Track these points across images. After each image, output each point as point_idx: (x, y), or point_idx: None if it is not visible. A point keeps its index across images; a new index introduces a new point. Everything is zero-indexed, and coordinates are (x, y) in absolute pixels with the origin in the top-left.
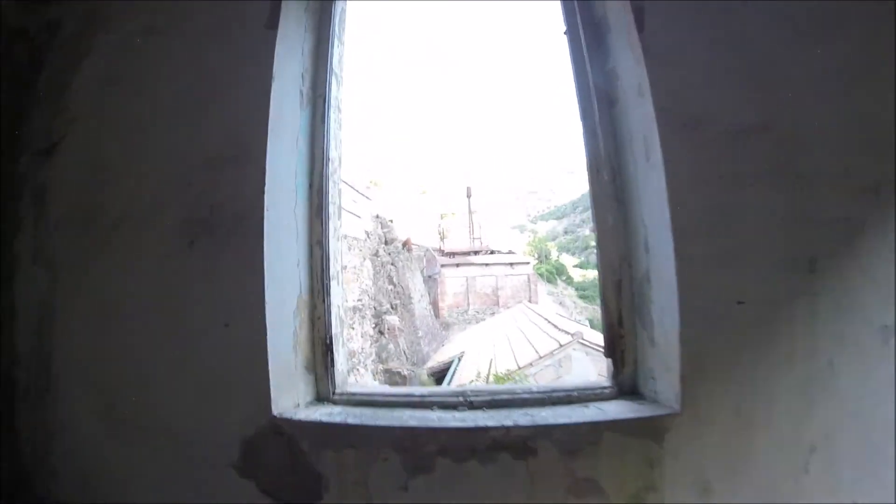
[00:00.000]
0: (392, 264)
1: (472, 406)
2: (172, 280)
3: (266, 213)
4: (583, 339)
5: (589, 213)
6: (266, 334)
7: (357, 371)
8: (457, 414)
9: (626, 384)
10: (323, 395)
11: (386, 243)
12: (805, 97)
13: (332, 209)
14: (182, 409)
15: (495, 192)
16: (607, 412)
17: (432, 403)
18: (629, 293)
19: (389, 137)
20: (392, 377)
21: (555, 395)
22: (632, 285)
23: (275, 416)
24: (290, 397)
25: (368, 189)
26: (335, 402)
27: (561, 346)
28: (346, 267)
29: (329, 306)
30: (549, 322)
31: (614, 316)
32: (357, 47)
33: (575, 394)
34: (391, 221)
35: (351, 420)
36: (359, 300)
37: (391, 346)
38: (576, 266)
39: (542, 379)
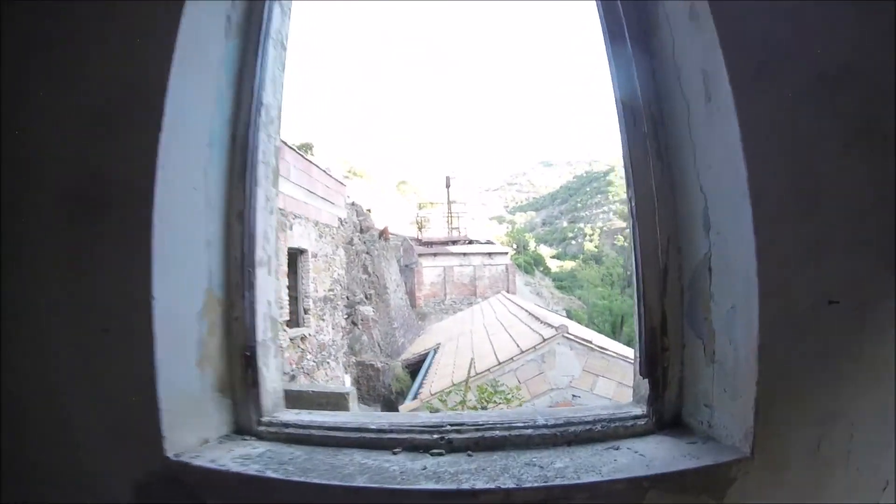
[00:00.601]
0: (367, 253)
1: (451, 447)
2: (46, 270)
3: (159, 174)
4: (567, 332)
5: (567, 205)
6: (153, 344)
7: (327, 364)
8: (429, 462)
9: (666, 412)
10: (244, 425)
11: (362, 231)
12: None
13: (262, 171)
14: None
15: (474, 183)
16: (649, 458)
17: (395, 443)
18: (677, 288)
19: (370, 126)
20: (365, 370)
21: (570, 429)
22: (681, 277)
23: (169, 459)
24: (195, 431)
25: (347, 178)
26: (260, 436)
27: (544, 340)
28: (316, 255)
29: (253, 304)
30: (531, 314)
31: (656, 319)
32: (340, 36)
33: (598, 427)
34: (369, 211)
35: (272, 472)
36: (330, 290)
37: (364, 337)
38: (553, 257)
39: (524, 375)
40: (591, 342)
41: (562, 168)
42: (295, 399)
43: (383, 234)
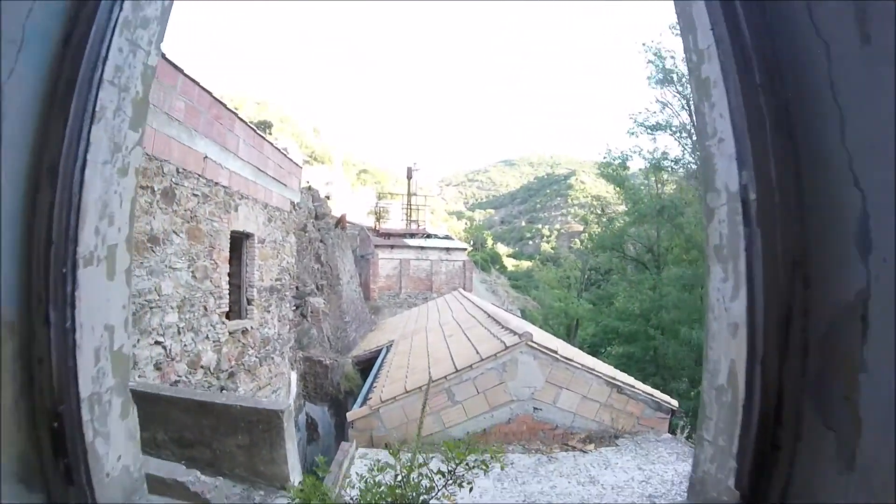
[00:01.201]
0: (321, 241)
1: None
2: None
3: None
4: (532, 341)
5: (526, 206)
6: None
7: (271, 360)
8: None
9: None
10: None
11: (317, 218)
12: None
13: (109, 98)
14: None
15: (436, 177)
16: None
17: None
18: (798, 347)
19: (334, 112)
20: (312, 366)
21: None
22: (807, 329)
23: None
24: None
25: (307, 162)
26: None
27: (507, 347)
28: (263, 240)
29: (74, 329)
30: (491, 317)
31: (770, 398)
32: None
33: None
34: (327, 197)
35: None
36: (278, 279)
37: (314, 330)
38: (510, 256)
39: (484, 384)
40: (556, 352)
41: (523, 168)
42: (219, 415)
43: (340, 222)
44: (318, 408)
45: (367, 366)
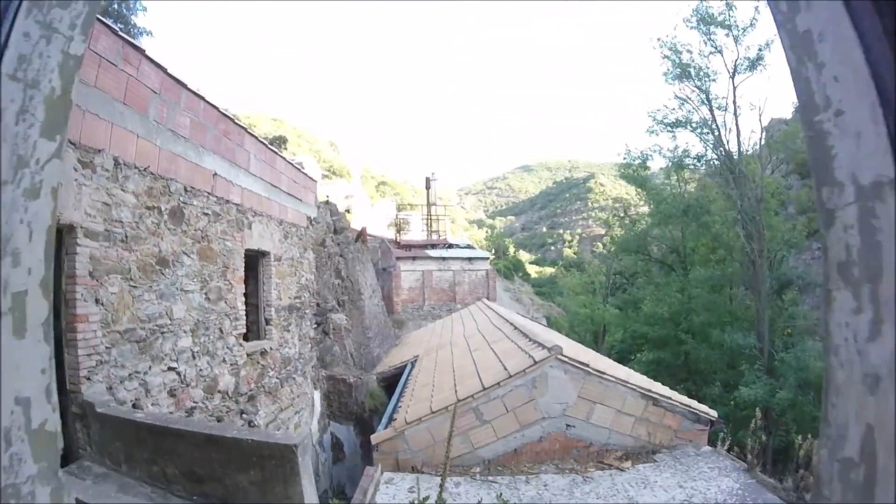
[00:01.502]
0: (341, 256)
1: None
2: None
3: None
4: (562, 354)
5: (546, 211)
6: None
7: (293, 380)
8: None
9: None
10: None
11: (336, 232)
12: None
13: (5, 101)
14: None
15: (455, 186)
16: None
17: None
18: None
19: (352, 125)
20: (336, 385)
21: None
22: None
23: None
24: None
25: (325, 176)
26: None
27: (536, 362)
28: (280, 258)
29: None
30: (518, 329)
31: None
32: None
33: None
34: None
35: None
36: (297, 297)
37: (336, 348)
38: (532, 263)
39: (513, 402)
40: (587, 365)
41: (541, 173)
42: (229, 449)
43: (361, 235)
44: (343, 427)
45: (392, 382)
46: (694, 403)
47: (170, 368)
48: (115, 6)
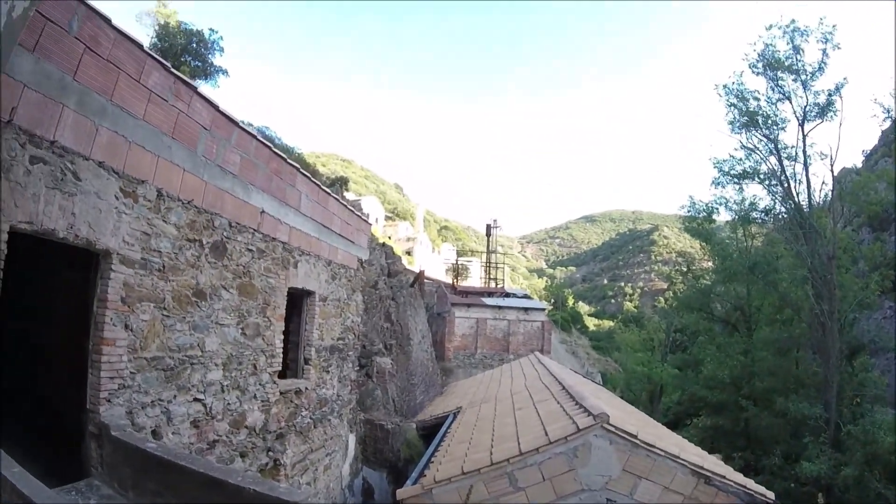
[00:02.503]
0: (393, 299)
1: None
2: None
3: None
4: (608, 423)
5: (608, 263)
6: None
7: (327, 421)
8: None
9: None
10: None
11: (389, 275)
12: None
13: None
14: None
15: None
16: None
17: None
18: None
19: (418, 170)
20: (373, 430)
21: None
22: None
23: None
24: None
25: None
26: None
27: (579, 430)
28: (326, 298)
29: None
30: (567, 391)
31: None
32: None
33: None
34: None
35: None
36: (340, 339)
37: (378, 392)
38: (591, 315)
39: (551, 471)
40: (635, 436)
41: (605, 224)
42: (230, 495)
43: (419, 279)
44: (376, 473)
45: (431, 432)
46: (750, 483)
47: (196, 399)
48: (194, 45)
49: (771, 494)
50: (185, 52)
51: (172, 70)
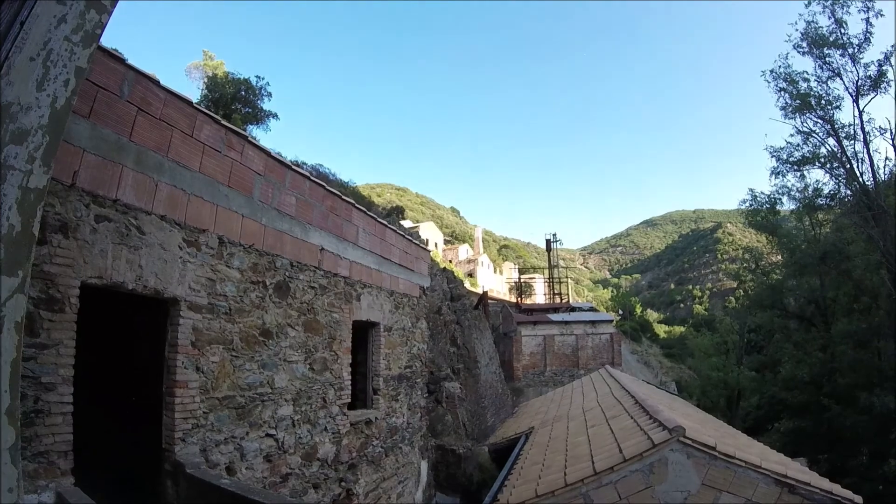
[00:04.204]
0: (457, 323)
1: None
2: None
3: None
4: (684, 436)
5: (673, 266)
6: None
7: (399, 449)
8: None
9: None
10: None
11: (452, 300)
12: None
13: None
14: None
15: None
16: None
17: None
18: None
19: (473, 192)
20: (444, 456)
21: None
22: None
23: None
24: None
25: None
26: None
27: (655, 446)
28: (391, 329)
29: None
30: (640, 405)
31: None
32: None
33: None
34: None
35: None
36: (408, 367)
37: (448, 417)
38: (660, 322)
39: (627, 489)
40: (713, 448)
41: (666, 227)
42: None
43: (483, 300)
44: (449, 499)
45: (504, 454)
46: (836, 488)
47: (267, 435)
48: (243, 93)
49: (859, 499)
50: (235, 101)
51: (223, 122)
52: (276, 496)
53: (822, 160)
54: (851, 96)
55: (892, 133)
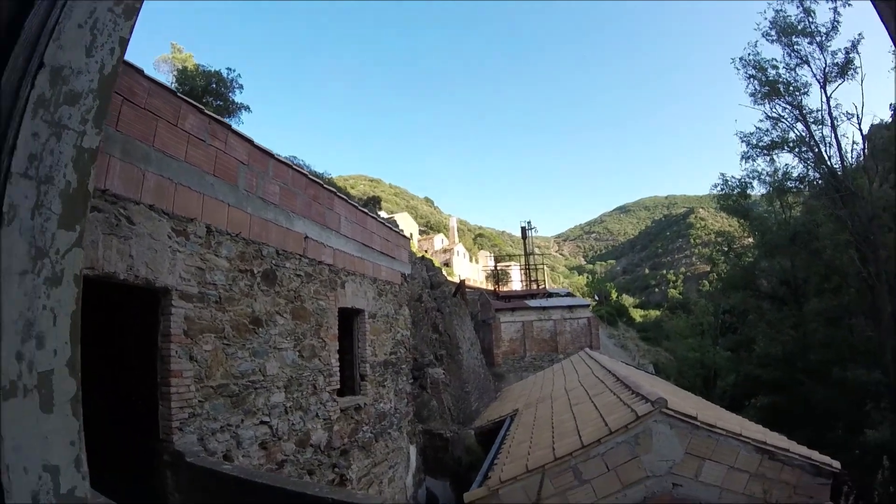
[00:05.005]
0: (438, 310)
1: None
2: None
3: None
4: (666, 408)
5: (647, 252)
6: None
7: (388, 435)
8: None
9: None
10: None
11: (432, 287)
12: None
13: (18, 198)
14: None
15: (551, 233)
16: None
17: None
18: None
19: (447, 181)
20: (432, 440)
21: None
22: None
23: None
24: None
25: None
26: None
27: (639, 417)
28: (375, 315)
29: None
30: (620, 381)
31: None
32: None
33: None
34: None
35: None
36: (392, 353)
37: (434, 402)
38: (636, 307)
39: (614, 460)
40: (695, 418)
41: (639, 213)
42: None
43: (460, 289)
44: (438, 482)
45: (490, 437)
46: (815, 455)
47: (262, 422)
48: (214, 86)
49: (836, 463)
50: (206, 93)
51: (206, 112)
52: (279, 477)
53: (791, 145)
54: (819, 83)
55: (858, 118)
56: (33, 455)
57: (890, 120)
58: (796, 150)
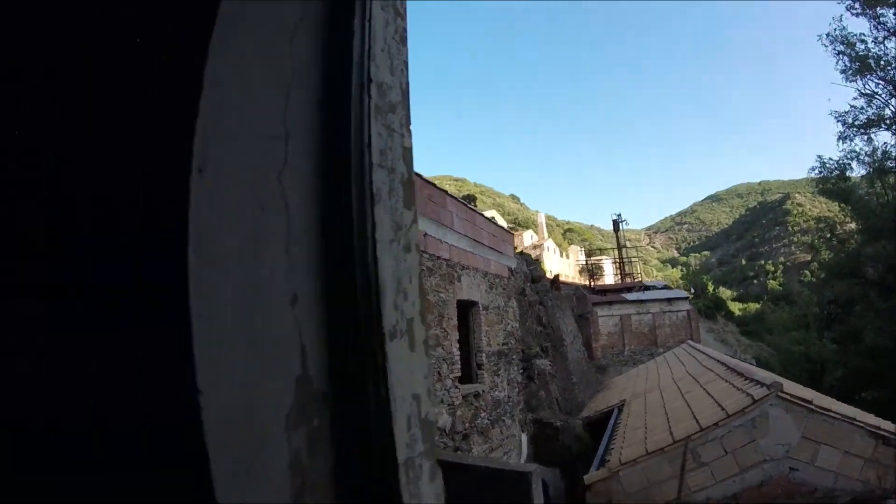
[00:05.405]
0: (541, 304)
1: None
2: None
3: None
4: (782, 391)
5: (743, 242)
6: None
7: (502, 422)
8: None
9: None
10: None
11: (533, 281)
12: None
13: (381, 180)
14: None
15: (643, 226)
16: None
17: None
18: None
19: (534, 177)
20: (542, 429)
21: None
22: None
23: None
24: None
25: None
26: None
27: (755, 401)
28: (487, 307)
29: (388, 399)
30: (731, 368)
31: None
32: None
33: None
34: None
35: None
36: (504, 343)
37: (542, 392)
38: (734, 299)
39: (732, 444)
40: (810, 402)
41: (732, 201)
42: (461, 473)
43: (555, 282)
44: (548, 470)
45: (597, 427)
46: None
47: None
48: None
49: None
50: None
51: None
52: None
53: (888, 122)
54: None
55: None
56: (406, 386)
57: None
58: (893, 127)
